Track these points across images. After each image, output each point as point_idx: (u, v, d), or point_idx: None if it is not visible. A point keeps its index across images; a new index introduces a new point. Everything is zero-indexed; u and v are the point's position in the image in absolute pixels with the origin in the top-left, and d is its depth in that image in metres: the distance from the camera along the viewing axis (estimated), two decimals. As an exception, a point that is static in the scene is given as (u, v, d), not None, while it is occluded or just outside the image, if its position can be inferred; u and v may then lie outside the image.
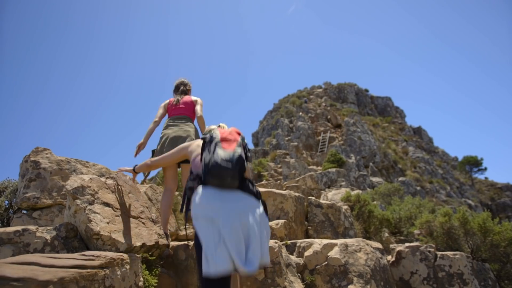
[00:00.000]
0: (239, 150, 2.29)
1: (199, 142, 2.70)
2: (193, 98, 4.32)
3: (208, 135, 2.41)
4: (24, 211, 3.78)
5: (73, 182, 2.82)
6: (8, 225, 3.95)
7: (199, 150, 2.57)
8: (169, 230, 3.82)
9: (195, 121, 4.21)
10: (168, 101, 4.34)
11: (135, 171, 3.09)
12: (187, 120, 4.12)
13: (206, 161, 2.23)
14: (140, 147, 3.94)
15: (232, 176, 2.17)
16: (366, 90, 47.04)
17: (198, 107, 4.18)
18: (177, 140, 3.81)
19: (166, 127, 4.04)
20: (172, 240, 4.24)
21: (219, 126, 2.75)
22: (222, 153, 2.23)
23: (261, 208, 2.26)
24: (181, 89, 4.41)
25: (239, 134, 2.48)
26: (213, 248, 1.94)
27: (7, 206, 4.11)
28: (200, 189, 2.18)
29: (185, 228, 2.52)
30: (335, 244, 3.64)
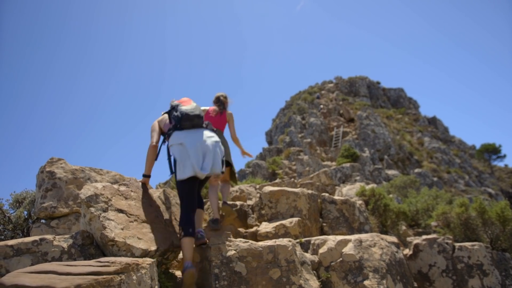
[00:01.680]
0: (195, 105, 3.56)
1: (165, 115, 3.77)
2: (228, 112, 4.84)
3: (170, 107, 3.65)
4: (43, 221, 3.88)
5: (86, 190, 2.88)
6: (28, 235, 4.06)
7: (167, 118, 3.71)
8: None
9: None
10: (207, 109, 4.83)
11: (146, 176, 3.63)
12: (219, 133, 4.59)
13: (177, 115, 3.43)
14: None
15: (197, 117, 3.44)
16: (378, 83, 46.50)
17: (232, 126, 4.84)
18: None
19: None
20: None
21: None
22: (185, 107, 3.47)
23: (217, 138, 3.47)
24: (221, 100, 4.84)
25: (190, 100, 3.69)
26: (183, 161, 3.17)
27: (26, 217, 4.22)
28: (175, 131, 3.36)
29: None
30: (349, 240, 3.63)
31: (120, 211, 2.94)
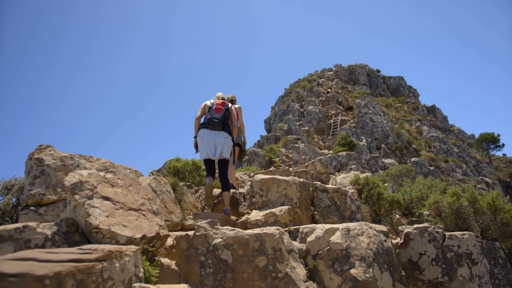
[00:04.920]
0: (222, 113, 5.21)
1: (208, 102, 5.50)
2: (237, 105, 6.56)
3: (211, 102, 5.44)
4: (32, 208, 3.87)
5: (71, 178, 2.87)
6: (16, 221, 4.05)
7: (208, 104, 5.45)
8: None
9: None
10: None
11: (194, 137, 5.36)
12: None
13: (208, 117, 5.20)
14: None
15: (217, 125, 5.10)
16: (378, 71, 46.21)
17: (240, 115, 6.55)
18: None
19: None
20: (178, 230, 4.31)
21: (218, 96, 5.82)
22: (214, 114, 5.16)
23: (228, 136, 5.21)
24: (230, 99, 6.62)
25: (224, 103, 5.40)
26: (201, 149, 5.15)
27: (14, 203, 4.21)
28: (202, 129, 5.21)
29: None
30: (337, 229, 3.63)
31: (106, 198, 2.93)
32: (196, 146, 5.37)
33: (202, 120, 5.44)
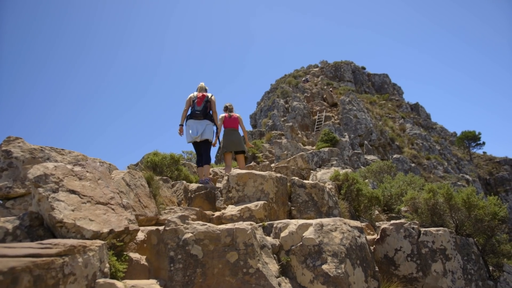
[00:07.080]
0: (203, 105, 6.80)
1: (192, 95, 7.03)
2: (237, 115, 7.81)
3: (194, 96, 7.01)
4: (0, 201, 3.76)
5: (35, 170, 2.78)
6: (-17, 215, 3.92)
7: (192, 97, 6.99)
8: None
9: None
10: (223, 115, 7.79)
11: (180, 125, 6.96)
12: (235, 130, 7.64)
13: (192, 109, 6.82)
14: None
15: (199, 116, 6.70)
16: (363, 68, 46.54)
17: (242, 123, 7.83)
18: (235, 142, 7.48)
19: (226, 134, 7.53)
20: (153, 225, 4.24)
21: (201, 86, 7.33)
22: (196, 107, 6.77)
23: (210, 123, 6.87)
24: (228, 108, 7.85)
25: (204, 96, 6.93)
26: (186, 135, 6.81)
27: (-19, 197, 4.07)
28: (188, 120, 6.85)
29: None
30: (311, 224, 3.61)
31: (72, 192, 2.85)
32: (181, 131, 6.85)
33: (189, 112, 6.90)
